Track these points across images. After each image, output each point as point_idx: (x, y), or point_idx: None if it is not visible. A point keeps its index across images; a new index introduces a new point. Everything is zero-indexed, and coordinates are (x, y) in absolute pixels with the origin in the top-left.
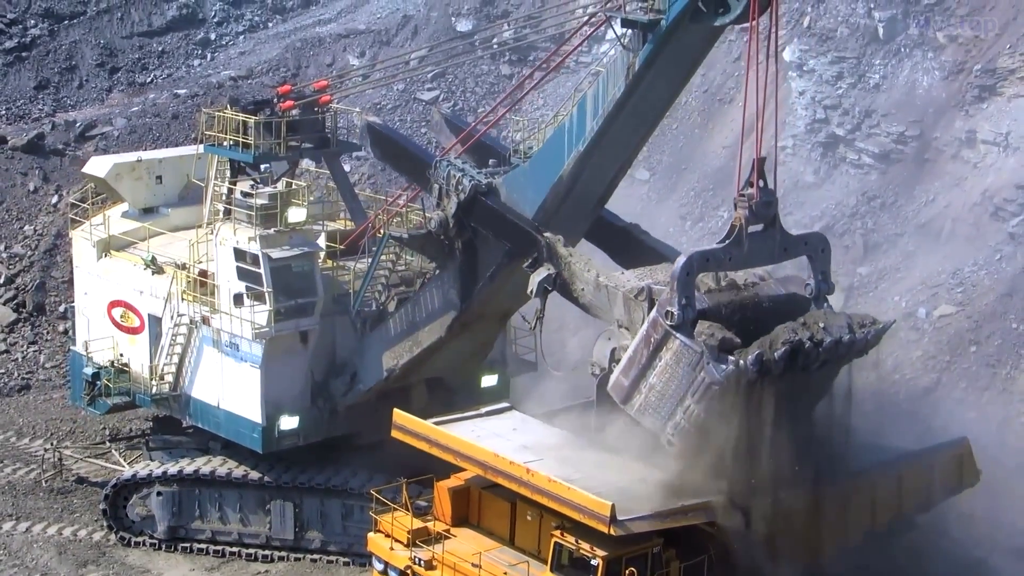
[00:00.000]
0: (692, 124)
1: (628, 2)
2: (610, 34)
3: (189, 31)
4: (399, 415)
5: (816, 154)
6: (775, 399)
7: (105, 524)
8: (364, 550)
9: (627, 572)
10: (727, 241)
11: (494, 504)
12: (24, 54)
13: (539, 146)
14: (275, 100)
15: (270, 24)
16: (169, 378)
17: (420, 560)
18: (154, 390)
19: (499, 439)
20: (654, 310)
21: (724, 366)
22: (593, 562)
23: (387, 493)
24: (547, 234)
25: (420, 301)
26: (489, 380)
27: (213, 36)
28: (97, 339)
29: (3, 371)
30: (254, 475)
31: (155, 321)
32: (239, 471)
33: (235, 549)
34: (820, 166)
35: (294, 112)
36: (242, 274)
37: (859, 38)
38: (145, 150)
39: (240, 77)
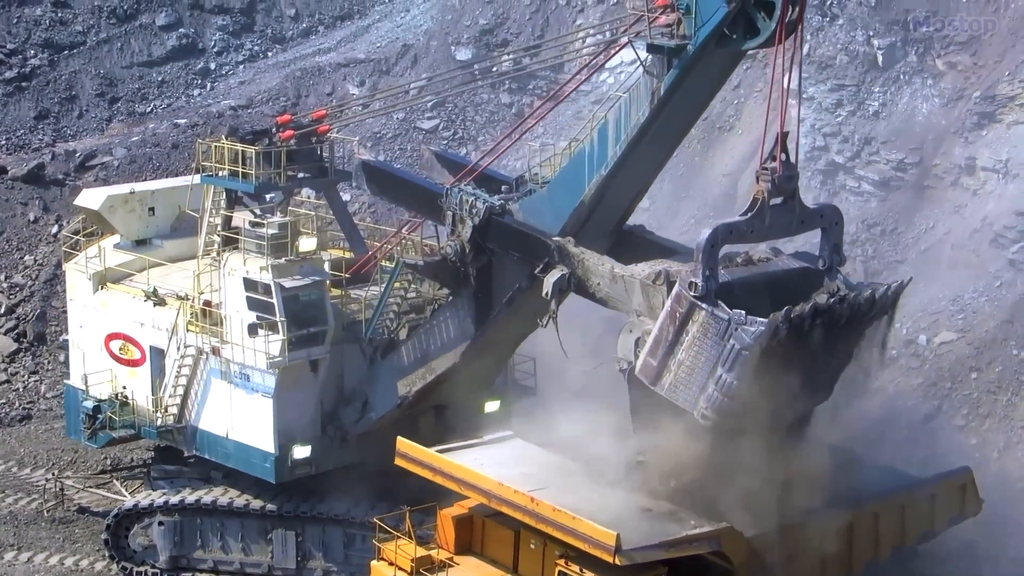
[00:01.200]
0: (692, 152)
1: (651, 26)
2: (612, 62)
3: (189, 61)
4: (403, 443)
5: (816, 181)
6: (804, 362)
7: (107, 554)
8: None
9: None
10: (749, 214)
11: (498, 532)
12: (24, 84)
13: (555, 172)
14: (274, 130)
15: (270, 53)
16: (174, 410)
17: None
18: (159, 422)
19: (502, 467)
20: (676, 285)
21: (753, 329)
22: None
23: (390, 521)
24: (555, 237)
25: (433, 328)
26: (492, 406)
27: (213, 65)
28: (96, 372)
29: (4, 401)
30: (256, 504)
31: (157, 353)
32: (241, 500)
33: None
34: (820, 193)
35: (291, 142)
36: (252, 304)
37: (858, 66)
38: (146, 180)
39: (240, 106)
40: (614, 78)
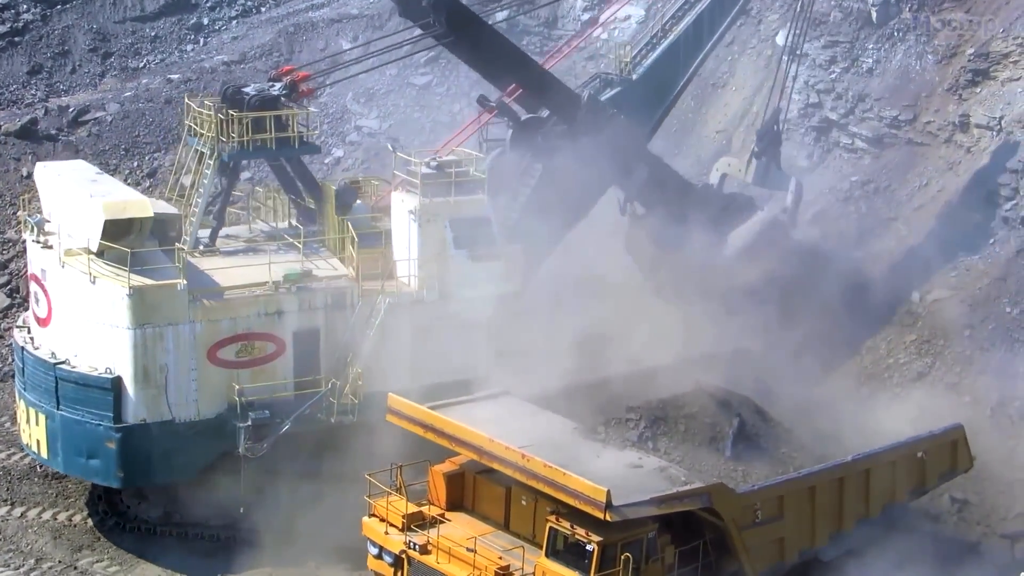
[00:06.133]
0: (686, 109)
1: None
2: (604, 16)
3: (182, 16)
4: (393, 399)
5: (809, 138)
6: None
7: (100, 509)
8: (360, 535)
9: (622, 557)
10: None
11: (489, 489)
12: (16, 39)
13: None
14: (284, 90)
15: (263, 9)
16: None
17: (415, 544)
18: (360, 400)
19: (494, 424)
20: None
21: None
22: (588, 547)
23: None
24: None
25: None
26: None
27: (206, 21)
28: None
29: None
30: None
31: (305, 336)
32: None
33: (230, 534)
34: (813, 150)
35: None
36: (462, 241)
37: (852, 22)
38: (139, 136)
39: (233, 62)
40: (608, 34)
